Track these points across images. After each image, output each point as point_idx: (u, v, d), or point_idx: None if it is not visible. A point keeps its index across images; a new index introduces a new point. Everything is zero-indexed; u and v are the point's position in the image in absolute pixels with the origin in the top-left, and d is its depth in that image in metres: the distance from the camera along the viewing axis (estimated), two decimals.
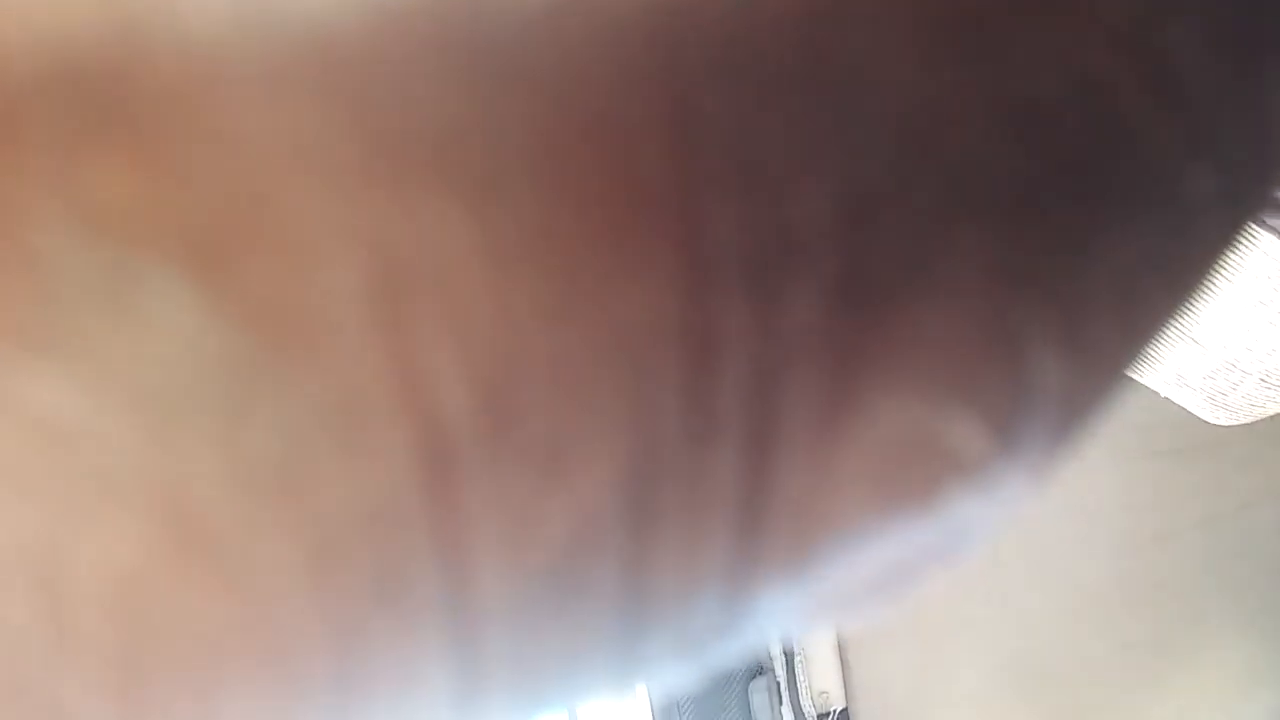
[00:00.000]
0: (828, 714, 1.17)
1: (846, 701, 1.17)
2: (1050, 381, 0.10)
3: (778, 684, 1.16)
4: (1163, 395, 0.63)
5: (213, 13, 0.07)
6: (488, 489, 0.08)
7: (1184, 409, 0.65)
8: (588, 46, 0.08)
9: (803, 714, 1.16)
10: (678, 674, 0.10)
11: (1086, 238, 0.10)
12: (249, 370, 0.07)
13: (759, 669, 1.17)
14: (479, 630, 0.09)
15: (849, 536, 0.10)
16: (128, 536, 0.07)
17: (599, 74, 0.08)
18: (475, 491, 0.08)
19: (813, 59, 0.08)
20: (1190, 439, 1.05)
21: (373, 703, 0.09)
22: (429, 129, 0.07)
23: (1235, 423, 0.63)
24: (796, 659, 1.16)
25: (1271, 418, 0.79)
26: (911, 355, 0.09)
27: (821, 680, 1.17)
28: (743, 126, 0.08)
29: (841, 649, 1.17)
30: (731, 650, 0.10)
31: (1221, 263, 0.11)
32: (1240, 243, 0.12)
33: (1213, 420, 0.64)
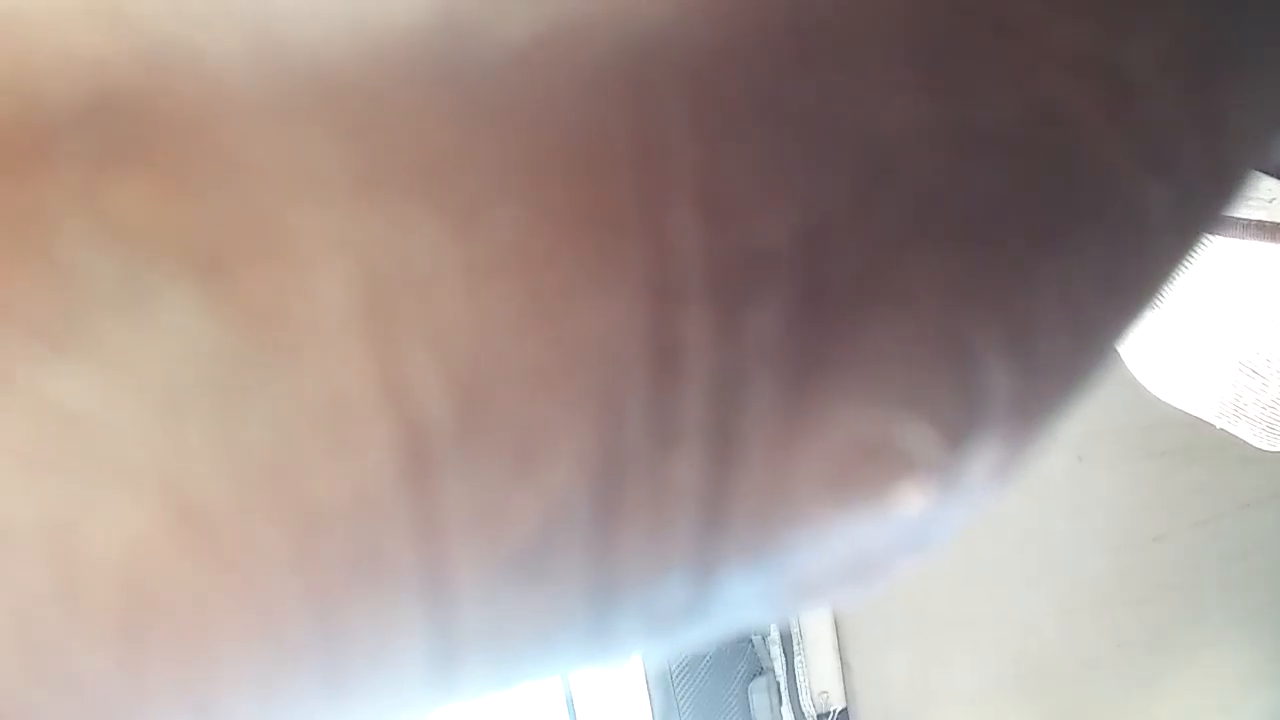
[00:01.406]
0: (828, 714, 1.17)
1: (846, 701, 1.17)
2: (1000, 392, 0.10)
3: (778, 684, 1.16)
4: (1218, 426, 0.62)
5: (227, 46, 0.08)
6: (462, 481, 0.09)
7: (1184, 410, 0.65)
8: (564, 80, 0.09)
9: (803, 714, 1.16)
10: (650, 652, 0.11)
11: (1038, 257, 0.10)
12: (245, 368, 0.08)
13: (759, 669, 1.17)
14: (454, 609, 0.09)
15: (808, 531, 0.10)
16: (133, 513, 0.08)
17: (574, 105, 0.09)
18: (450, 483, 0.09)
19: (778, 92, 0.09)
20: (1190, 439, 1.05)
21: (354, 674, 0.09)
22: (416, 154, 0.08)
23: None
24: (796, 659, 1.16)
25: None
26: (866, 366, 0.10)
27: (821, 680, 1.17)
28: (708, 155, 0.09)
29: (841, 649, 1.17)
30: (705, 632, 0.11)
31: (1178, 273, 0.12)
32: (1193, 259, 0.12)
33: (1268, 448, 0.63)
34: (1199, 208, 0.11)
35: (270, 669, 0.09)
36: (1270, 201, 0.49)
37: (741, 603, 0.11)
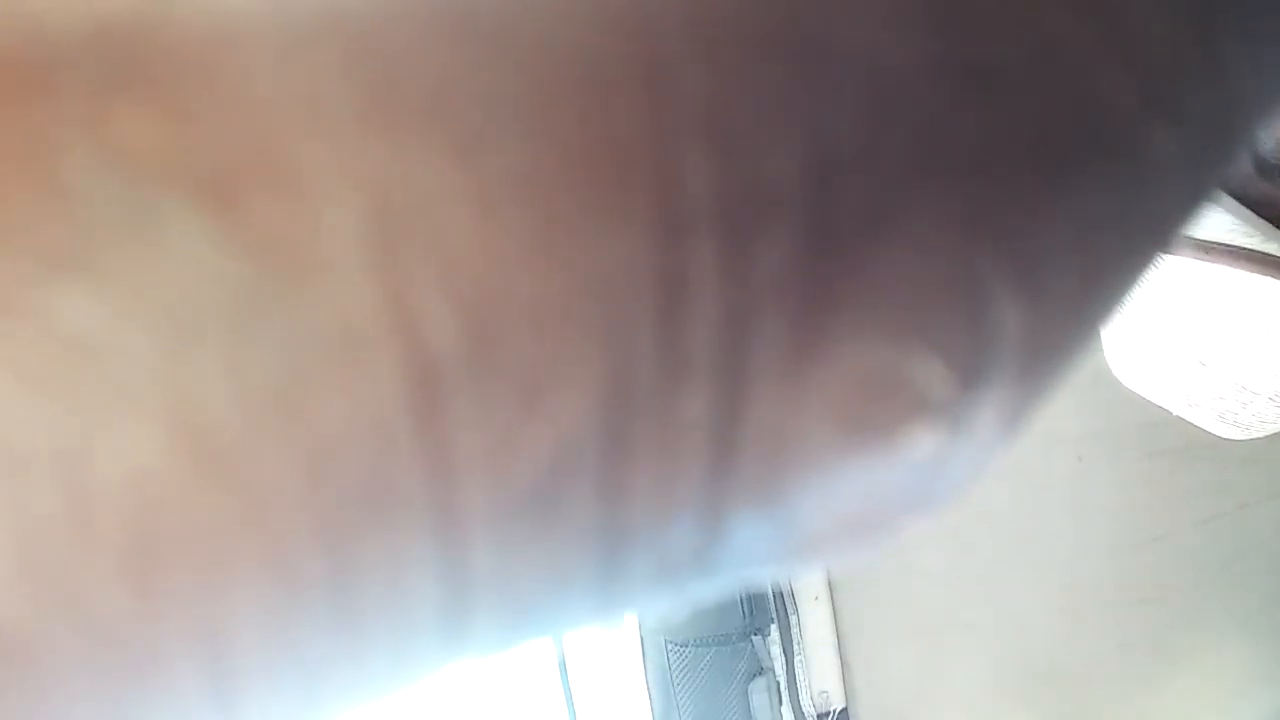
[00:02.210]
0: (828, 714, 1.17)
1: (846, 701, 1.17)
2: (1010, 327, 0.10)
3: (778, 684, 1.16)
4: (1175, 414, 0.64)
5: None
6: (471, 411, 0.09)
7: (1159, 403, 0.65)
8: (570, 8, 0.08)
9: (803, 714, 1.16)
10: (660, 603, 0.11)
11: (1044, 193, 0.10)
12: (254, 296, 0.08)
13: (759, 669, 1.16)
14: (465, 547, 0.09)
15: (819, 470, 0.10)
16: (143, 439, 0.08)
17: (581, 34, 0.08)
18: (460, 413, 0.09)
19: (784, 25, 0.09)
20: (1190, 439, 1.06)
21: (365, 613, 0.09)
22: (422, 83, 0.08)
23: (1246, 438, 0.64)
24: (796, 659, 1.16)
25: None
26: (876, 301, 0.10)
27: (821, 680, 1.17)
28: (716, 87, 0.09)
29: (841, 649, 1.17)
30: (714, 585, 0.11)
31: (1185, 224, 0.12)
32: (1204, 205, 0.12)
33: (1224, 435, 0.65)
34: (1201, 158, 0.11)
35: (280, 601, 0.09)
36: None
37: (749, 553, 0.11)
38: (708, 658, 1.13)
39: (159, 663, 0.08)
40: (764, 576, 0.11)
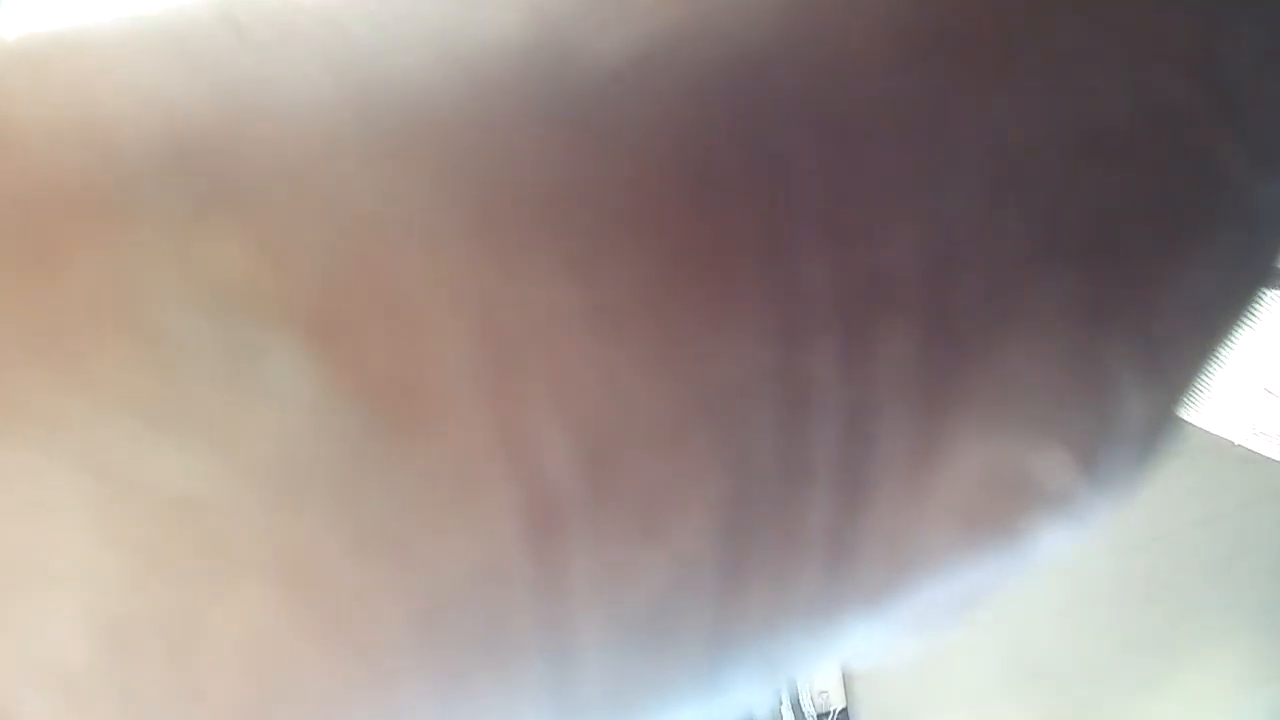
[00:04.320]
0: (828, 714, 1.17)
1: (846, 701, 1.17)
2: (1134, 411, 0.10)
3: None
4: (1237, 444, 0.64)
5: (310, 81, 0.07)
6: (589, 544, 0.08)
7: (1189, 418, 0.65)
8: (670, 102, 0.08)
9: (803, 714, 1.16)
10: (755, 695, 0.10)
11: (1166, 268, 0.10)
12: (365, 441, 0.07)
13: None
14: (575, 676, 0.09)
15: (932, 569, 0.10)
16: (254, 601, 0.07)
17: (683, 128, 0.08)
18: (577, 547, 0.08)
19: (895, 103, 0.08)
20: (1190, 439, 1.05)
21: None
22: (530, 191, 0.07)
23: None
24: None
25: None
26: (999, 392, 0.09)
27: (821, 680, 1.17)
28: (828, 176, 0.08)
29: None
30: (801, 673, 0.11)
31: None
32: None
33: None
34: None
35: None
36: None
37: (849, 645, 0.10)
38: None
39: None
40: (848, 658, 0.11)
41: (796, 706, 1.15)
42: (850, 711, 1.17)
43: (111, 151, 0.07)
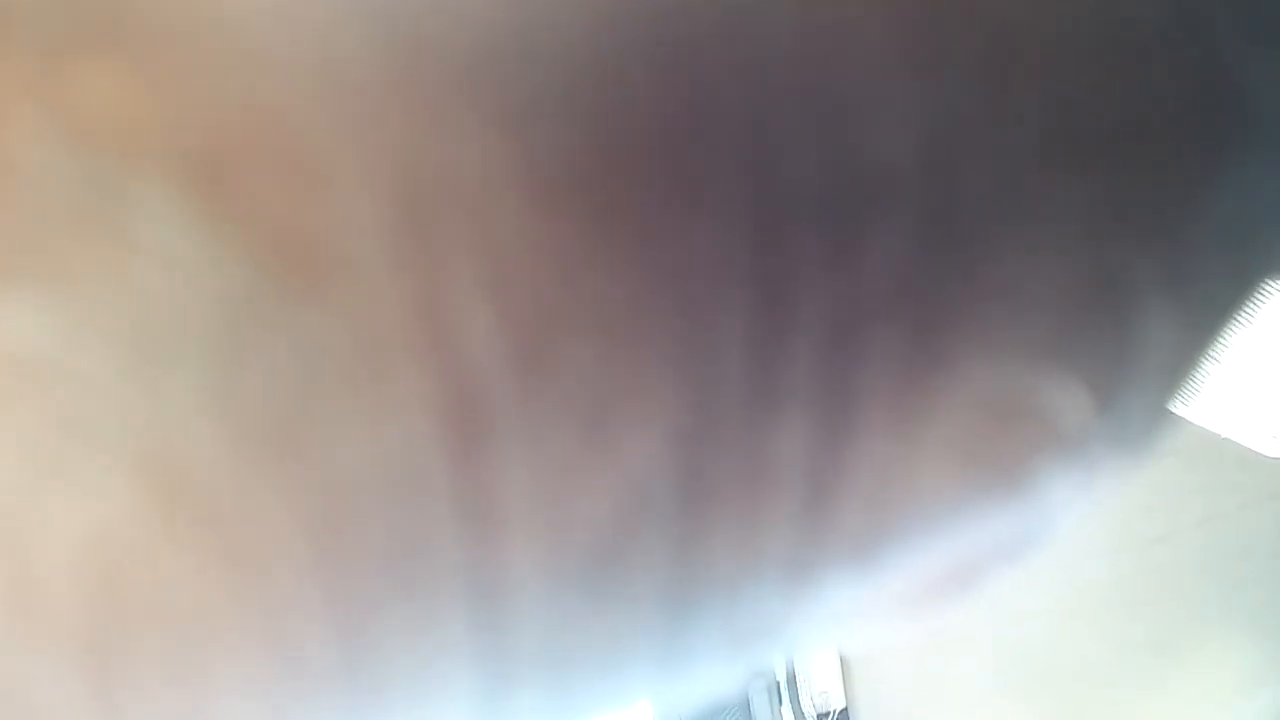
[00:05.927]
0: (828, 714, 1.17)
1: (846, 701, 1.17)
2: (1159, 347, 0.09)
3: (778, 684, 1.16)
4: (1238, 444, 0.63)
5: None
6: (522, 455, 0.07)
7: (1187, 415, 0.65)
8: None
9: (803, 714, 1.16)
10: (719, 678, 0.09)
11: (1197, 186, 0.09)
12: (251, 306, 0.06)
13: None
14: (506, 624, 0.07)
15: (928, 518, 0.08)
16: (104, 491, 0.06)
17: None
18: (507, 457, 0.07)
19: None
20: (1190, 439, 1.05)
21: (386, 701, 0.07)
22: (465, 43, 0.06)
23: None
24: (796, 659, 1.15)
25: None
26: (1005, 308, 0.08)
27: (821, 680, 1.17)
28: (816, 45, 0.07)
29: (841, 649, 1.16)
30: (779, 652, 0.09)
31: None
32: None
33: None
34: None
35: (281, 695, 0.07)
36: None
37: (831, 618, 0.09)
38: None
39: None
40: (827, 640, 0.10)
41: (796, 706, 1.15)
42: (850, 711, 1.17)
43: None
